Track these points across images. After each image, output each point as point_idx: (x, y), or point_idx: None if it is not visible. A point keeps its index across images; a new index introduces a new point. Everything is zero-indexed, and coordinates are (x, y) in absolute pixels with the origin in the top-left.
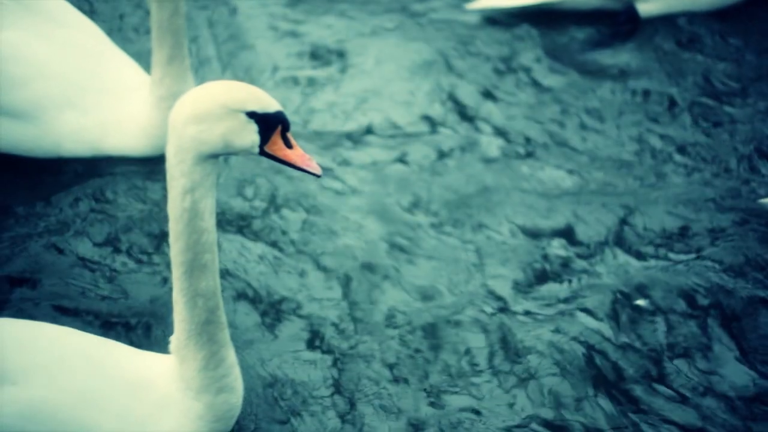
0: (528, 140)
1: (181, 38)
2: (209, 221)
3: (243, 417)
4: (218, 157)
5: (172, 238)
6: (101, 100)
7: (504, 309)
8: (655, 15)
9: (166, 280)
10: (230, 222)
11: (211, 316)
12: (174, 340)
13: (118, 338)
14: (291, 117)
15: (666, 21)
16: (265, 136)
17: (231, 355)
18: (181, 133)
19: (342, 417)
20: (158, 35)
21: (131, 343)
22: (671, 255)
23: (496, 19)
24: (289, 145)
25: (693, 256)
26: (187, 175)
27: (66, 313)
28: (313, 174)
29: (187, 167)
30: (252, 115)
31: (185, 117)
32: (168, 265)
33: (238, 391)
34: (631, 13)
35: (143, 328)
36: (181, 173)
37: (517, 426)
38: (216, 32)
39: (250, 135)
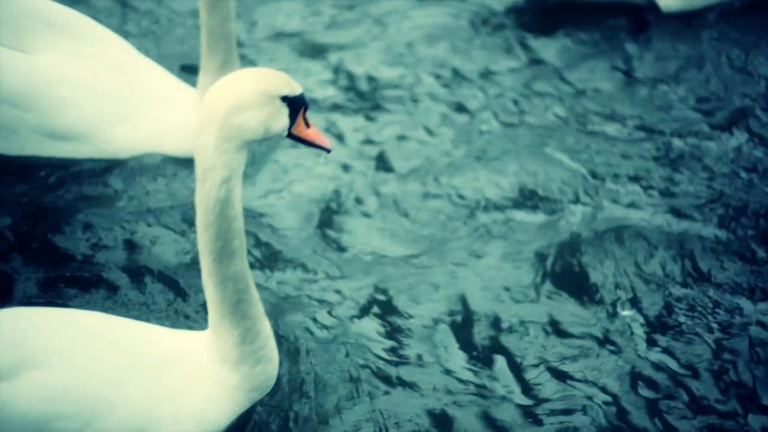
0: (534, 133)
1: (232, 43)
2: (238, 208)
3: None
4: (250, 145)
5: (201, 228)
6: (148, 110)
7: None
8: (676, 9)
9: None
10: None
11: (242, 295)
12: (210, 319)
13: (153, 321)
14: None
15: (686, 15)
16: (291, 118)
17: (266, 327)
18: (225, 123)
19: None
20: (210, 42)
21: (169, 323)
22: (664, 259)
23: (515, 12)
24: (307, 125)
25: (687, 261)
26: (227, 165)
27: (104, 300)
28: (325, 149)
29: (229, 157)
30: (284, 98)
31: (228, 107)
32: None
33: (274, 361)
34: (651, 6)
35: (177, 307)
36: (222, 164)
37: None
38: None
39: (284, 118)
